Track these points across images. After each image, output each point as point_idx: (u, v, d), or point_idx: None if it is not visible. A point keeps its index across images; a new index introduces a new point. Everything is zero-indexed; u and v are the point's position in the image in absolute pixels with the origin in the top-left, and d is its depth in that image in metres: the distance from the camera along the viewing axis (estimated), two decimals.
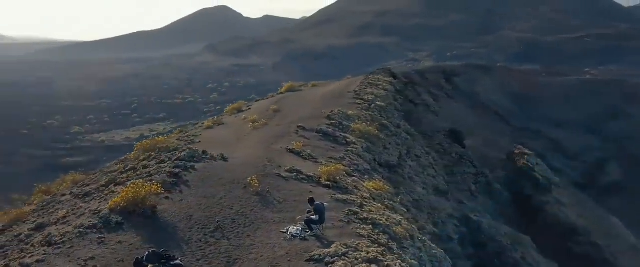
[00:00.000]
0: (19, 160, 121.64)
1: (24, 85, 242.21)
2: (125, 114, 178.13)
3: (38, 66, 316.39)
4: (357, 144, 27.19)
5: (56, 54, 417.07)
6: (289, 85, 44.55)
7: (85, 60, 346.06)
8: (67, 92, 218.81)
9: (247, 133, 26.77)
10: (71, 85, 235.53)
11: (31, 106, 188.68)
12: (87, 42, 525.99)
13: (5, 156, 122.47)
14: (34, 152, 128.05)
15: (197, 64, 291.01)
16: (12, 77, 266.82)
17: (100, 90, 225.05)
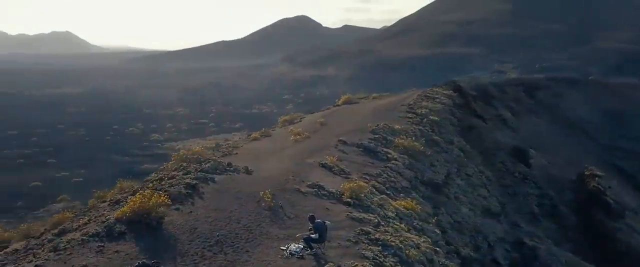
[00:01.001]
0: (101, 165, 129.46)
1: (111, 93, 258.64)
2: (203, 122, 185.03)
3: (125, 75, 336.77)
4: (398, 160, 26.82)
5: (143, 63, 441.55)
6: (347, 97, 44.62)
7: (169, 69, 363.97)
8: (149, 100, 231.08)
9: (287, 146, 27.16)
10: (153, 93, 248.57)
11: (116, 113, 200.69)
12: (172, 51, 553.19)
13: (90, 160, 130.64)
14: (116, 158, 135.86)
15: (275, 74, 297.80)
16: (102, 85, 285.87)
17: (179, 98, 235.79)
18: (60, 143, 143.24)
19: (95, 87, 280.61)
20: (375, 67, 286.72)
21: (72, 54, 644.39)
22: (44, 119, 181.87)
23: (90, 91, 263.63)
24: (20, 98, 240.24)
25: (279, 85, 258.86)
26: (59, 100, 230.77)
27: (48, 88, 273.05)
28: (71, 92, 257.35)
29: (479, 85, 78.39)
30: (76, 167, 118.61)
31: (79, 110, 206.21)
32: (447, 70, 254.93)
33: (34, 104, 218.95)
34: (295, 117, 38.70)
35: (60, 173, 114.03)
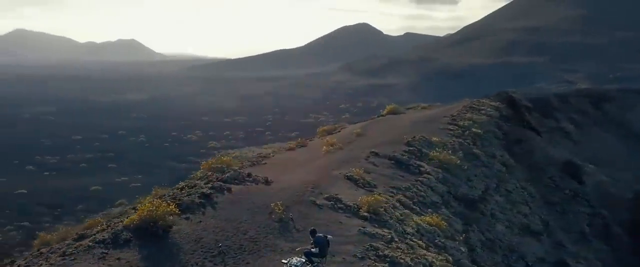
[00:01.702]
0: (159, 171, 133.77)
1: (172, 100, 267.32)
2: (259, 131, 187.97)
3: (186, 82, 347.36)
4: (431, 174, 26.34)
5: (203, 71, 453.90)
6: (392, 107, 44.23)
7: (228, 77, 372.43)
8: (208, 108, 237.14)
9: (318, 157, 27.25)
10: (212, 101, 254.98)
11: (176, 120, 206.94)
12: (232, 60, 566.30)
13: (148, 166, 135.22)
14: (173, 164, 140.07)
15: (333, 83, 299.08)
16: (163, 92, 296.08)
17: (237, 107, 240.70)
18: (121, 148, 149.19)
19: (157, 94, 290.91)
20: (435, 76, 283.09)
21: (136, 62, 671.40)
22: (107, 124, 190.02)
23: (152, 98, 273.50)
24: (86, 104, 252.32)
25: (336, 94, 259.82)
26: (122, 107, 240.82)
27: (112, 94, 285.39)
28: (134, 99, 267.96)
29: (539, 96, 75.71)
30: (135, 173, 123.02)
31: (140, 117, 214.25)
32: (511, 80, 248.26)
33: (98, 110, 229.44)
34: (335, 128, 38.73)
35: (120, 178, 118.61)
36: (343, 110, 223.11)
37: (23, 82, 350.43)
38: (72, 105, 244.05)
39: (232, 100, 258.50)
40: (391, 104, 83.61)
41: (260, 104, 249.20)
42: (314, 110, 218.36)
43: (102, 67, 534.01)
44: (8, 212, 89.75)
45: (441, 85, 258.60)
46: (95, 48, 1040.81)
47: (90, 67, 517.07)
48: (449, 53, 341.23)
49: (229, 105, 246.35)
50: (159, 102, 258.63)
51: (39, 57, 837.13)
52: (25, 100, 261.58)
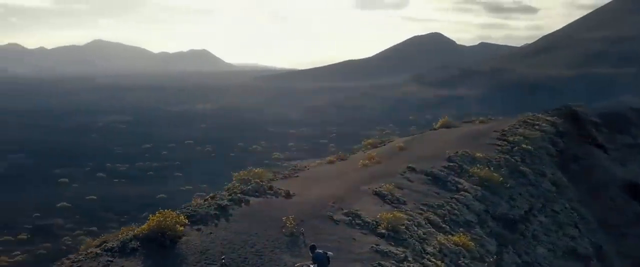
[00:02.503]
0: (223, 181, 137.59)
1: (240, 110, 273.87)
2: (323, 143, 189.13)
3: (254, 93, 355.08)
4: (469, 191, 25.73)
5: (271, 82, 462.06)
6: (445, 120, 43.46)
7: (295, 88, 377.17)
8: (274, 118, 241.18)
9: (352, 171, 27.27)
10: (278, 112, 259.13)
11: (242, 131, 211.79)
12: (300, 70, 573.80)
13: (213, 176, 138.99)
14: None
15: (401, 95, 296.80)
16: (231, 103, 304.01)
17: (302, 118, 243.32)
18: (188, 158, 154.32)
19: (225, 104, 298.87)
20: (510, 88, 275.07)
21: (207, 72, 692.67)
22: (175, 134, 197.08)
23: (220, 108, 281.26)
24: (157, 113, 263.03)
25: (404, 105, 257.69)
26: (191, 117, 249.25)
27: (182, 104, 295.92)
28: (202, 109, 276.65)
29: (613, 111, 71.95)
30: (200, 182, 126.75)
31: (208, 127, 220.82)
32: (592, 93, 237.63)
33: (168, 119, 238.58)
34: (381, 141, 38.57)
35: (185, 187, 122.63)
36: (410, 123, 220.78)
37: (99, 91, 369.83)
38: (144, 115, 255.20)
39: (298, 111, 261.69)
40: (465, 115, 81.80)
41: (326, 115, 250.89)
42: (380, 122, 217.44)
43: (173, 77, 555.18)
44: (78, 217, 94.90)
45: (515, 97, 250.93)
46: (168, 58, 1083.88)
47: (162, 77, 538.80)
48: (525, 64, 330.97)
49: (294, 116, 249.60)
50: (227, 112, 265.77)
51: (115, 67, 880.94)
52: (100, 109, 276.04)
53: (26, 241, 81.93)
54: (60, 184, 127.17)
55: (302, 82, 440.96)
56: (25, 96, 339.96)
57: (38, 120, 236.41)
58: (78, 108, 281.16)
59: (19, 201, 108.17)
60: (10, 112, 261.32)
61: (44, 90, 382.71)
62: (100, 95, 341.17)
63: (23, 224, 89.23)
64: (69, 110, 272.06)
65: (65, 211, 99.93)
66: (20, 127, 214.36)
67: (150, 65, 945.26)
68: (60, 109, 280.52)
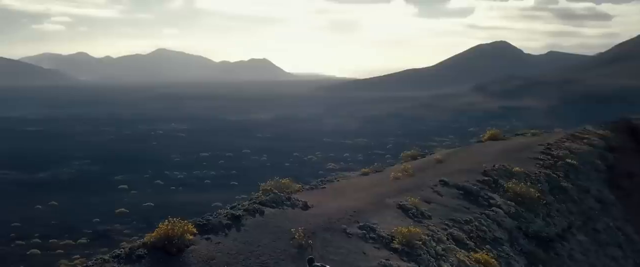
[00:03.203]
0: None
1: (297, 120, 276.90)
2: (379, 154, 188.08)
3: (312, 103, 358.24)
4: (501, 207, 25.08)
5: (330, 91, 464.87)
6: (493, 132, 42.43)
7: (353, 98, 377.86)
8: (331, 128, 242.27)
9: (382, 183, 27.14)
10: (335, 122, 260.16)
11: (298, 141, 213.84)
12: (360, 80, 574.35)
13: None
14: None
15: (462, 105, 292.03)
16: (289, 112, 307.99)
17: (359, 128, 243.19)
18: (243, 167, 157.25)
19: (283, 113, 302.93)
20: (579, 99, 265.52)
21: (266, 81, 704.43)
22: (233, 143, 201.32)
23: (277, 118, 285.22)
24: (216, 122, 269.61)
25: (464, 116, 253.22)
26: (248, 126, 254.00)
27: (240, 113, 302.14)
28: (260, 118, 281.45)
29: None
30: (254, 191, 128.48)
31: (265, 136, 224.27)
32: None
33: (226, 129, 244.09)
34: (417, 154, 38.18)
35: (240, 195, 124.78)
36: (471, 134, 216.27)
37: (161, 99, 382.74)
38: (203, 123, 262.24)
39: (356, 122, 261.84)
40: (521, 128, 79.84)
41: (384, 125, 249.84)
42: (439, 133, 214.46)
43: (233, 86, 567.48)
44: (135, 223, 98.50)
45: (585, 109, 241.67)
46: (229, 67, 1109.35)
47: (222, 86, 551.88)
48: (596, 74, 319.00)
49: (351, 126, 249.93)
50: (284, 122, 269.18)
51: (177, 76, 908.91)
52: (161, 117, 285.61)
53: (86, 245, 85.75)
54: (121, 190, 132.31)
55: (362, 91, 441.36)
56: (91, 104, 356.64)
57: (103, 127, 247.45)
58: (140, 116, 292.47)
59: (82, 205, 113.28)
60: (78, 120, 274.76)
61: (109, 98, 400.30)
62: (161, 104, 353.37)
63: (84, 229, 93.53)
64: (132, 118, 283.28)
65: (124, 217, 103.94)
66: (87, 134, 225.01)
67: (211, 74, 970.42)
68: (123, 116, 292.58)
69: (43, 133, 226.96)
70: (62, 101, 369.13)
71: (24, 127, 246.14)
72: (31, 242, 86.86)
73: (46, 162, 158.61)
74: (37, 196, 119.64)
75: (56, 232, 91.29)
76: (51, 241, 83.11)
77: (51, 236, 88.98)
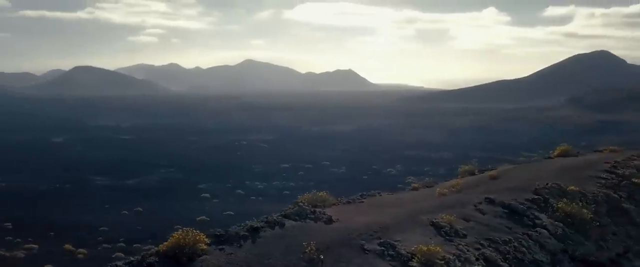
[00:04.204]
0: None
1: (379, 131, 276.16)
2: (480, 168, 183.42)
3: (397, 114, 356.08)
4: (548, 227, 23.87)
5: (416, 103, 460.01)
6: (564, 148, 40.27)
7: (440, 109, 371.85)
8: (414, 141, 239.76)
9: (424, 199, 26.62)
10: (419, 134, 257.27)
11: (379, 153, 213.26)
12: (448, 91, 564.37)
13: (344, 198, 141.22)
14: None
15: (554, 118, 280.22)
16: (372, 124, 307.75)
17: (444, 141, 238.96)
18: (322, 179, 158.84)
19: (366, 125, 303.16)
20: None
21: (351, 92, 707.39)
22: (313, 154, 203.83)
23: (359, 129, 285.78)
24: (298, 133, 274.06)
25: (556, 131, 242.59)
26: (330, 137, 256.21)
27: (323, 124, 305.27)
28: (342, 130, 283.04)
29: None
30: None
31: (345, 148, 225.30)
32: None
33: (308, 140, 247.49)
34: (474, 169, 37.05)
35: None
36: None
37: (246, 110, 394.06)
38: (285, 134, 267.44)
39: (440, 134, 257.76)
40: (630, 143, 75.22)
41: (470, 139, 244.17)
42: (527, 148, 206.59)
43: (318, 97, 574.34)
44: (213, 231, 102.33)
45: None
46: (314, 78, 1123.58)
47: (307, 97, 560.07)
48: None
49: (436, 139, 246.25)
50: (366, 133, 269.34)
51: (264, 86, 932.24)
52: (246, 127, 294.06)
53: None
54: (203, 199, 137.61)
55: (448, 103, 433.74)
56: (180, 113, 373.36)
57: (190, 136, 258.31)
58: (226, 126, 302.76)
59: (166, 212, 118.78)
60: (166, 129, 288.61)
61: (197, 108, 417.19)
62: (247, 114, 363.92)
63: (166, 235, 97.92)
64: (218, 128, 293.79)
65: (204, 224, 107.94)
66: (174, 143, 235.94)
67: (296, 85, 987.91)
68: (210, 126, 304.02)
69: (134, 141, 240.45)
70: (152, 111, 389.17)
71: (117, 136, 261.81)
72: (116, 246, 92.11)
73: (135, 169, 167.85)
74: (125, 202, 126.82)
75: (140, 237, 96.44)
76: (135, 246, 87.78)
77: (135, 240, 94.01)
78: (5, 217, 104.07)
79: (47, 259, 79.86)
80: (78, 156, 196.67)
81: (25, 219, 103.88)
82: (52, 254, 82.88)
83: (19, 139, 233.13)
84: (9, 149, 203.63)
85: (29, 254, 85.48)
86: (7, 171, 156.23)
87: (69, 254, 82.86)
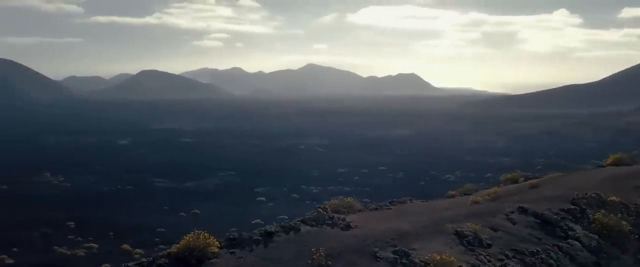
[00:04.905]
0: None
1: (440, 137, 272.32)
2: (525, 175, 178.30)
3: (459, 119, 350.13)
4: (581, 239, 22.85)
5: (479, 107, 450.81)
6: (617, 157, 38.33)
7: (504, 115, 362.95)
8: (475, 147, 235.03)
9: (458, 207, 26.06)
10: (481, 140, 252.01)
11: (438, 159, 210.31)
12: (513, 96, 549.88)
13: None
14: None
15: (628, 125, 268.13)
16: (433, 128, 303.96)
17: (507, 147, 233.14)
18: (377, 184, 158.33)
19: (426, 129, 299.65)
20: None
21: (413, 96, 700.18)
22: (370, 159, 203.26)
23: (418, 134, 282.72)
24: (356, 138, 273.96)
25: (627, 138, 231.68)
26: (389, 142, 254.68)
27: (382, 129, 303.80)
28: (400, 134, 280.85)
29: None
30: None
31: (403, 153, 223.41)
32: None
33: (365, 144, 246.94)
34: (518, 176, 35.93)
35: None
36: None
37: (307, 114, 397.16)
38: (343, 139, 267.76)
39: (503, 140, 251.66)
40: None
41: (534, 145, 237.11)
42: (595, 155, 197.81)
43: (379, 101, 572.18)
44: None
45: None
46: (376, 82, 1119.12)
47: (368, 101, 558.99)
48: None
49: (498, 145, 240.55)
50: (426, 138, 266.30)
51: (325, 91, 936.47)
52: (305, 131, 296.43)
53: None
54: (259, 202, 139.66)
55: (514, 108, 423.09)
56: (241, 117, 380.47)
57: (250, 140, 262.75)
58: (286, 130, 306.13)
59: (222, 215, 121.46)
60: (228, 132, 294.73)
61: (259, 112, 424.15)
62: (307, 118, 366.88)
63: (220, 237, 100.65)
64: (278, 132, 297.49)
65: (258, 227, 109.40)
66: (234, 147, 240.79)
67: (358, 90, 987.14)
68: (270, 130, 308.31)
69: (195, 145, 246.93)
70: (215, 114, 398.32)
71: (180, 139, 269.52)
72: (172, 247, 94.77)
73: (195, 172, 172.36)
74: (183, 204, 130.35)
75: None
76: None
77: None
78: (69, 217, 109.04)
79: (105, 258, 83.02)
80: (141, 158, 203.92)
81: (88, 219, 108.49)
82: (111, 254, 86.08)
83: (86, 141, 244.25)
84: (77, 151, 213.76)
85: (89, 253, 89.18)
86: (74, 172, 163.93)
87: (126, 254, 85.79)
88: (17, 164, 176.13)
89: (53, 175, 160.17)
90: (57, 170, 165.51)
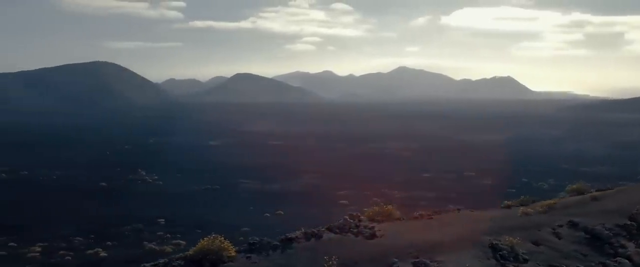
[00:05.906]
0: None
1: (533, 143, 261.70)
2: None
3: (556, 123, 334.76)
4: (632, 258, 21.02)
5: (578, 112, 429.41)
6: None
7: (605, 120, 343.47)
8: (571, 153, 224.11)
9: (502, 218, 24.76)
10: (577, 146, 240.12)
11: (531, 165, 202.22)
12: (616, 100, 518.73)
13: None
14: None
15: None
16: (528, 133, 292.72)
17: (605, 154, 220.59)
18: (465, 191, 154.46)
19: (520, 134, 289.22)
20: None
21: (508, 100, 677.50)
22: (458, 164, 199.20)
23: (513, 139, 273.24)
24: (445, 142, 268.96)
25: None
26: (480, 146, 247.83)
27: (473, 133, 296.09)
28: (494, 139, 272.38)
29: None
30: None
31: (494, 158, 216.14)
32: None
33: (455, 148, 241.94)
34: (583, 187, 33.59)
35: None
36: None
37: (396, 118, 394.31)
38: (432, 143, 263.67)
39: (602, 147, 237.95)
40: None
41: (637, 153, 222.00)
42: None
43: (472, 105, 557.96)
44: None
45: None
46: (469, 85, 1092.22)
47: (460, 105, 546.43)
48: None
49: (596, 152, 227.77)
50: (519, 143, 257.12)
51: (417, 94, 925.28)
52: (393, 135, 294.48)
53: None
54: (340, 205, 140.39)
55: (617, 113, 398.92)
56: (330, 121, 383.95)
57: (337, 143, 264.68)
58: (375, 133, 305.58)
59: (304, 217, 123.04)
60: (316, 135, 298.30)
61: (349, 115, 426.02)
62: (396, 122, 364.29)
63: None
64: (367, 136, 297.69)
65: None
66: (321, 150, 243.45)
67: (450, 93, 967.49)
68: (358, 133, 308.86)
69: (284, 147, 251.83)
70: (304, 117, 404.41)
71: (269, 141, 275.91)
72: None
73: (280, 174, 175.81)
74: (268, 205, 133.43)
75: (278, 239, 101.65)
76: None
77: None
78: (160, 214, 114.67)
79: None
80: (230, 159, 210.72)
81: (177, 217, 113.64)
82: None
83: (180, 142, 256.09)
84: (171, 151, 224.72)
85: (176, 249, 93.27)
86: (167, 171, 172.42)
87: None
88: (117, 162, 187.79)
89: (148, 173, 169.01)
90: (152, 169, 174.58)
